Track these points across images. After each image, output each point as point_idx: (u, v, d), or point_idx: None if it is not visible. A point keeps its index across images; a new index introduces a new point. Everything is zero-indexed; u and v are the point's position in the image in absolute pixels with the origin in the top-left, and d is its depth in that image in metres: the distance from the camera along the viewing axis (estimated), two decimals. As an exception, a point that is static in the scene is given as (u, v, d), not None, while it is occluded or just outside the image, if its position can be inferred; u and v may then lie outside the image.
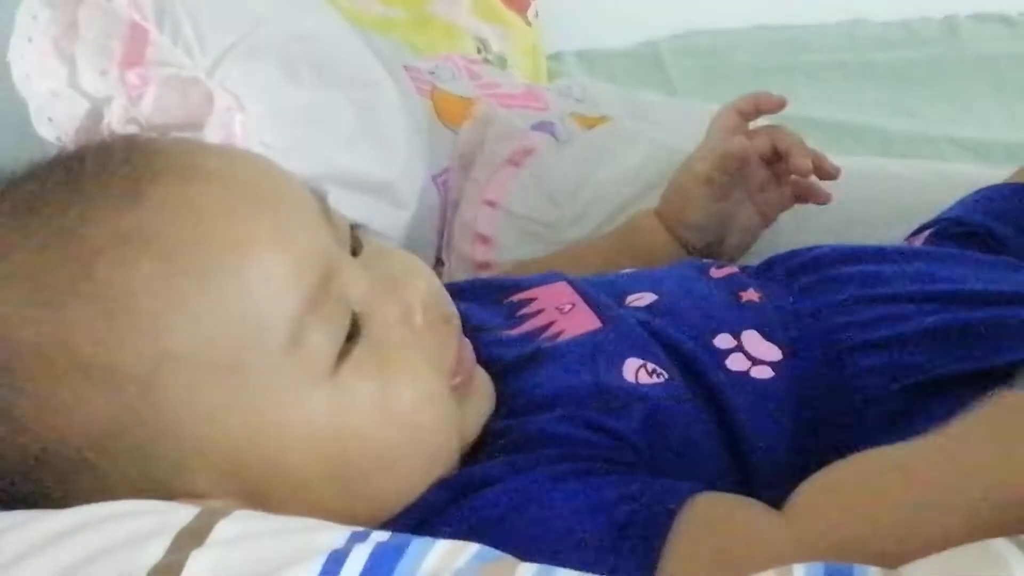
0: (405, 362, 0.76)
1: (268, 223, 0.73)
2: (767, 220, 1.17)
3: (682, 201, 1.16)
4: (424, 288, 0.79)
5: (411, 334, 0.77)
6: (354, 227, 0.82)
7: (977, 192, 1.20)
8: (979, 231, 1.12)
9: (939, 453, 0.70)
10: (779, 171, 1.15)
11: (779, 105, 1.14)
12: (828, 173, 1.12)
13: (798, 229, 1.23)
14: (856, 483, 0.71)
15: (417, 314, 0.77)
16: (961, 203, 1.19)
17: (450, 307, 0.84)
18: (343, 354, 0.74)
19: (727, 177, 1.13)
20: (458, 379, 0.80)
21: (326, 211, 0.79)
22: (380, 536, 0.64)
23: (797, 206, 1.18)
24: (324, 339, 0.73)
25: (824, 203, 1.14)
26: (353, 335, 0.74)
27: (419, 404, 0.76)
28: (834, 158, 1.13)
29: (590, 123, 1.51)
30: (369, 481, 0.75)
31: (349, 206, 0.84)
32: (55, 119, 1.00)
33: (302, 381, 0.72)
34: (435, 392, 0.77)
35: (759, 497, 0.74)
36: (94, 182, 0.73)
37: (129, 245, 0.69)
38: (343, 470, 0.74)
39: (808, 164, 1.10)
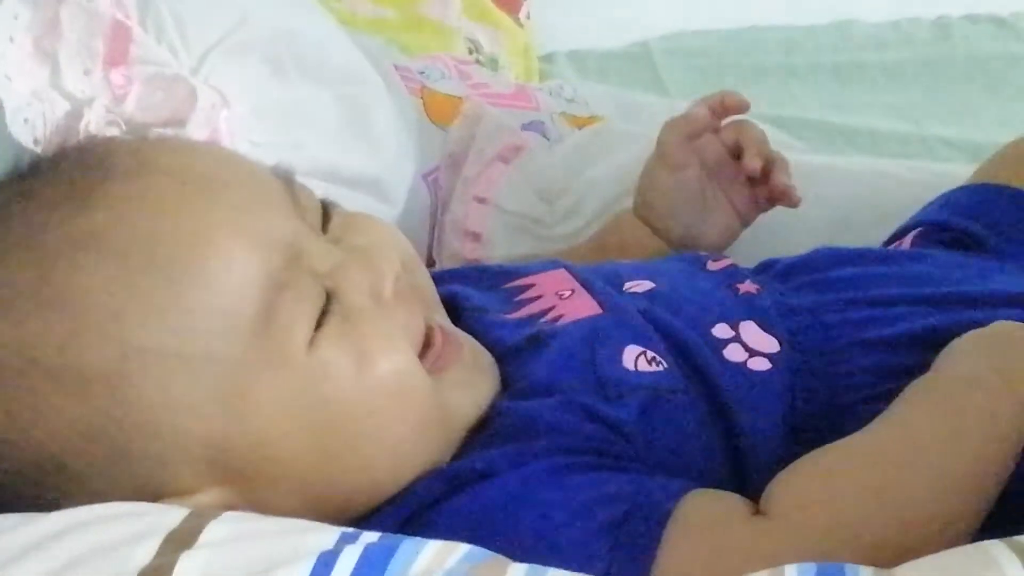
0: (377, 333, 0.76)
1: (224, 211, 0.73)
2: (743, 217, 1.14)
3: (647, 183, 1.15)
4: (393, 257, 0.79)
5: (382, 305, 0.77)
6: (325, 204, 0.82)
7: (953, 193, 1.19)
8: (964, 235, 1.11)
9: (897, 437, 0.75)
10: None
11: (743, 106, 1.13)
12: (783, 188, 1.10)
13: (789, 229, 1.22)
14: (831, 480, 0.73)
15: (387, 284, 0.77)
16: (939, 204, 1.18)
17: (422, 277, 0.84)
18: (317, 329, 0.74)
19: (683, 150, 1.11)
20: (431, 356, 0.80)
21: (292, 192, 0.79)
22: (370, 537, 0.64)
23: (783, 211, 1.18)
24: (297, 319, 0.73)
25: (793, 206, 1.11)
26: (326, 310, 0.74)
27: (395, 372, 0.75)
28: (826, 158, 1.13)
29: (581, 123, 1.51)
30: (356, 452, 0.74)
31: (338, 202, 0.84)
32: (31, 120, 0.99)
33: (278, 361, 0.72)
34: (409, 362, 0.77)
35: (752, 486, 0.74)
36: (46, 189, 0.73)
37: (83, 248, 0.70)
38: (328, 443, 0.74)
39: (757, 166, 1.09)
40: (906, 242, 1.16)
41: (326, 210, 0.81)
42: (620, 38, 2.35)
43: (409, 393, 0.76)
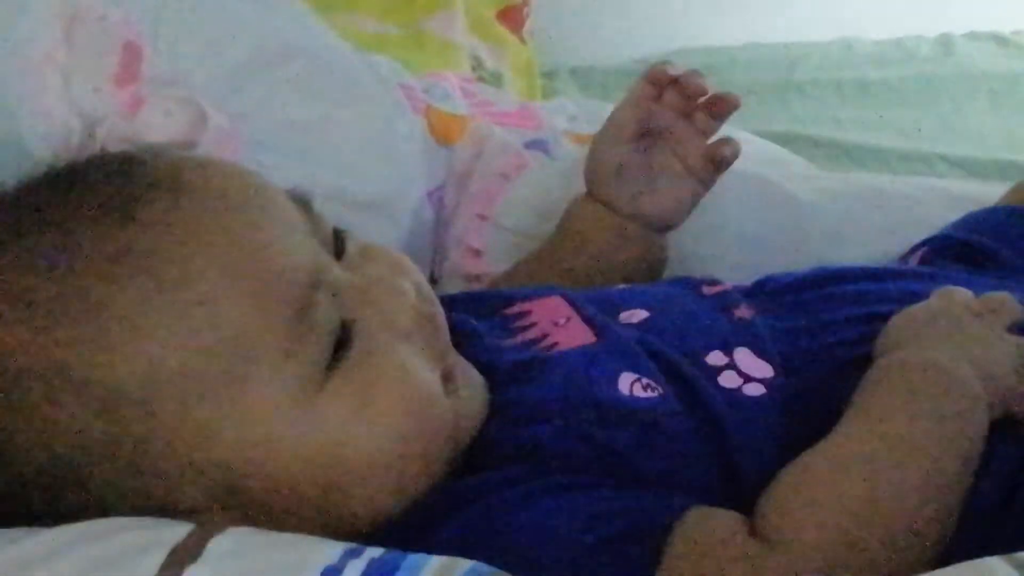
0: (394, 366, 0.76)
1: (257, 238, 0.74)
2: (698, 175, 1.12)
3: (591, 158, 1.14)
4: (411, 289, 0.79)
5: (399, 337, 0.77)
6: (337, 231, 0.82)
7: (973, 213, 1.20)
8: (974, 249, 1.12)
9: (875, 434, 0.75)
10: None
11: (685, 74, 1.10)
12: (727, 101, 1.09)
13: (789, 246, 1.22)
14: (820, 494, 0.72)
15: (406, 316, 0.78)
16: (955, 223, 1.19)
17: (437, 308, 0.84)
18: (335, 360, 0.74)
19: (625, 121, 1.11)
20: (445, 371, 0.80)
21: (311, 218, 0.79)
22: (374, 552, 0.64)
23: (788, 225, 1.18)
24: (314, 347, 0.73)
25: (733, 107, 1.10)
26: (344, 342, 0.75)
27: (410, 408, 0.75)
28: (827, 175, 1.12)
29: (584, 140, 1.50)
30: (366, 485, 0.74)
31: (344, 224, 0.84)
32: (47, 136, 1.00)
33: (294, 390, 0.72)
34: (427, 392, 0.77)
35: (749, 507, 0.74)
36: (83, 200, 0.73)
37: (120, 264, 0.70)
38: (339, 477, 0.73)
39: (701, 84, 1.08)
40: (915, 258, 1.16)
41: (340, 237, 0.81)
42: (622, 55, 2.36)
43: (422, 426, 0.76)
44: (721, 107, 1.09)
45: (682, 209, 1.13)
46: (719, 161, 1.10)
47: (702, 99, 1.09)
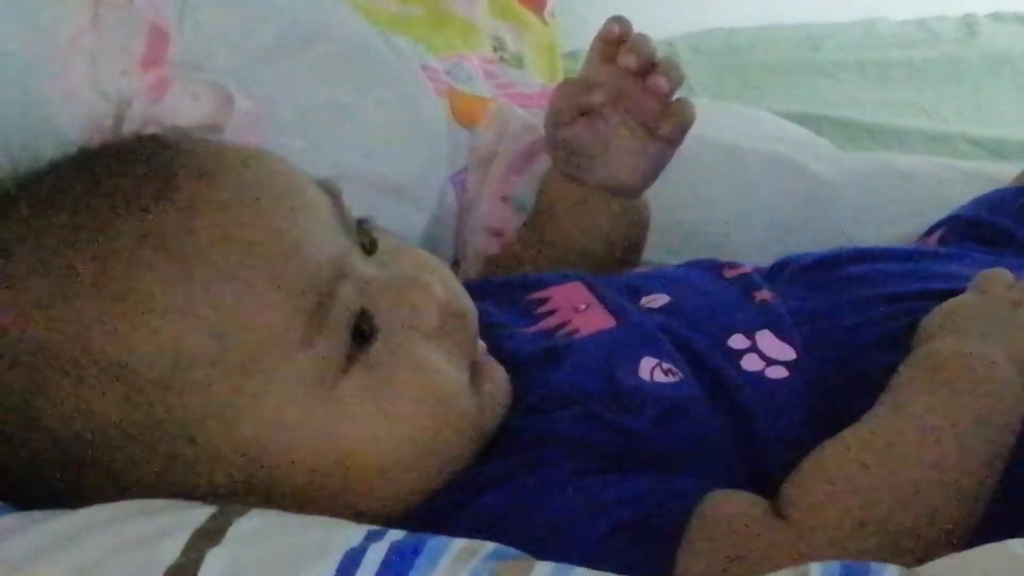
0: (418, 364, 0.76)
1: (284, 225, 0.74)
2: (660, 135, 1.08)
3: (546, 126, 1.13)
4: (439, 288, 0.79)
5: (424, 336, 0.77)
6: (362, 222, 0.82)
7: (989, 193, 1.19)
8: (991, 229, 1.11)
9: (900, 421, 0.75)
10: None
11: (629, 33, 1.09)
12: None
13: (807, 226, 1.22)
14: (843, 477, 0.73)
15: (432, 316, 0.77)
16: (973, 202, 1.19)
17: (467, 302, 0.84)
18: (358, 353, 0.74)
19: (567, 100, 1.09)
20: (473, 367, 0.80)
21: (339, 210, 0.79)
22: (396, 535, 0.64)
23: (811, 205, 1.17)
24: (335, 339, 0.73)
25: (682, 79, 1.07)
26: (368, 335, 0.75)
27: (432, 406, 0.76)
28: (850, 155, 1.11)
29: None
30: (386, 478, 0.75)
31: (369, 208, 0.84)
32: (75, 119, 1.00)
33: (312, 380, 0.72)
34: (451, 390, 0.77)
35: (773, 490, 0.74)
36: (117, 180, 0.73)
37: (150, 246, 0.70)
38: (357, 470, 0.74)
39: (664, 86, 1.04)
40: (933, 239, 1.16)
41: (366, 231, 0.81)
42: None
43: (444, 423, 0.76)
44: (675, 74, 1.06)
45: (644, 172, 1.10)
46: (685, 121, 1.07)
47: (655, 62, 1.06)
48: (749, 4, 2.41)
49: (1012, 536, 0.63)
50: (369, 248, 0.80)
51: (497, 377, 0.82)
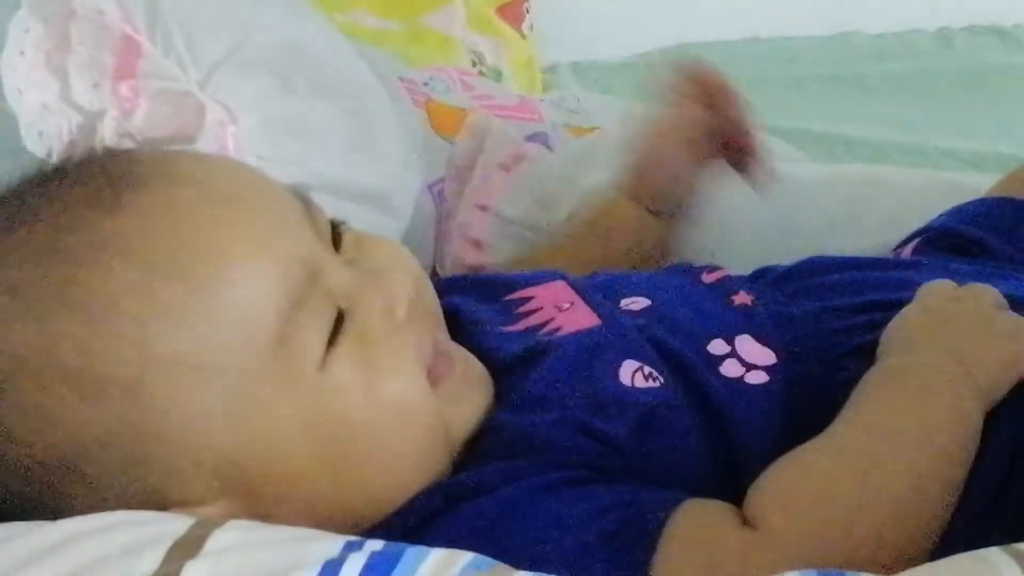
0: (389, 354, 0.76)
1: (248, 226, 0.74)
2: (745, 172, 1.15)
3: (647, 164, 1.15)
4: (407, 280, 0.80)
5: (394, 326, 0.77)
6: (335, 223, 0.82)
7: (965, 204, 1.20)
8: (967, 240, 1.12)
9: (868, 434, 0.77)
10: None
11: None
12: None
13: (785, 235, 1.23)
14: (808, 484, 0.74)
15: (400, 307, 0.78)
16: (949, 213, 1.19)
17: (431, 297, 0.85)
18: (330, 348, 0.74)
19: (686, 124, 1.12)
20: (433, 370, 0.80)
21: (309, 211, 0.79)
22: (374, 545, 0.64)
23: (785, 214, 1.17)
24: (311, 336, 0.73)
25: None
26: (339, 329, 0.75)
27: (405, 393, 0.76)
28: (828, 167, 1.12)
29: (584, 134, 1.51)
30: (362, 470, 0.75)
31: (344, 217, 0.84)
32: (46, 133, 1.00)
33: (290, 378, 0.72)
34: (419, 383, 0.77)
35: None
36: (72, 192, 0.73)
37: (109, 252, 0.70)
38: (336, 461, 0.74)
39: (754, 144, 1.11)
40: (907, 250, 1.16)
41: (336, 229, 0.81)
42: (623, 49, 2.36)
43: (417, 413, 0.77)
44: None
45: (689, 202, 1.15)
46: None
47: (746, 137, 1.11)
48: (725, 18, 2.42)
49: (989, 544, 0.63)
50: (336, 244, 0.81)
51: (472, 373, 0.83)
